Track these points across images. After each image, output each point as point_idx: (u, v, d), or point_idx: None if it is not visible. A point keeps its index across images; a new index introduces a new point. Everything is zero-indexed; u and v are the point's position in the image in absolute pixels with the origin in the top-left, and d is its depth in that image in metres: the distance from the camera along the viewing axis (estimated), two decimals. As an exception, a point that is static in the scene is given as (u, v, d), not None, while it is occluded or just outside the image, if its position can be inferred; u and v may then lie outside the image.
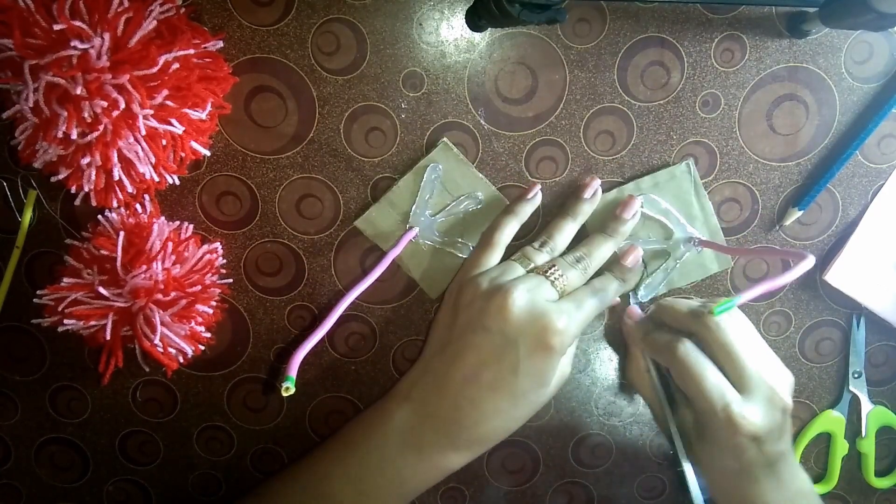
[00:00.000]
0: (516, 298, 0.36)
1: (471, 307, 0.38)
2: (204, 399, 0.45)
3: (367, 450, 0.40)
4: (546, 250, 0.40)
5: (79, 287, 0.37)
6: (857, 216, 0.44)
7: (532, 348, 0.37)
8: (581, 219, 0.41)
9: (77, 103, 0.32)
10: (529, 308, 0.36)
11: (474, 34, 0.40)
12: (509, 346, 0.37)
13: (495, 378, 0.37)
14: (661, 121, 0.42)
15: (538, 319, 0.36)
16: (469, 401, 0.38)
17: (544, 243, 0.41)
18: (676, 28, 0.40)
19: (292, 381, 0.36)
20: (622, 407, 0.48)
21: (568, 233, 0.41)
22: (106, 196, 0.37)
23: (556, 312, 0.37)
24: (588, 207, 0.41)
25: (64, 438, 0.46)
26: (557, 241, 0.41)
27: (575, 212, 0.41)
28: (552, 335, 0.36)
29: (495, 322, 0.37)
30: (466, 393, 0.38)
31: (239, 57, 0.39)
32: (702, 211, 0.43)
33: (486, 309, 0.37)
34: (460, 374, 0.38)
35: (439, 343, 0.41)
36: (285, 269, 0.43)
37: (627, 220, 0.41)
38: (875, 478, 0.49)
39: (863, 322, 0.46)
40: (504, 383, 0.37)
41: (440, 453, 0.39)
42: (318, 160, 0.41)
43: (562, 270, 0.39)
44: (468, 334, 0.38)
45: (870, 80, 0.42)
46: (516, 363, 0.37)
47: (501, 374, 0.37)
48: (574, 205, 0.41)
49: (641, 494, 0.49)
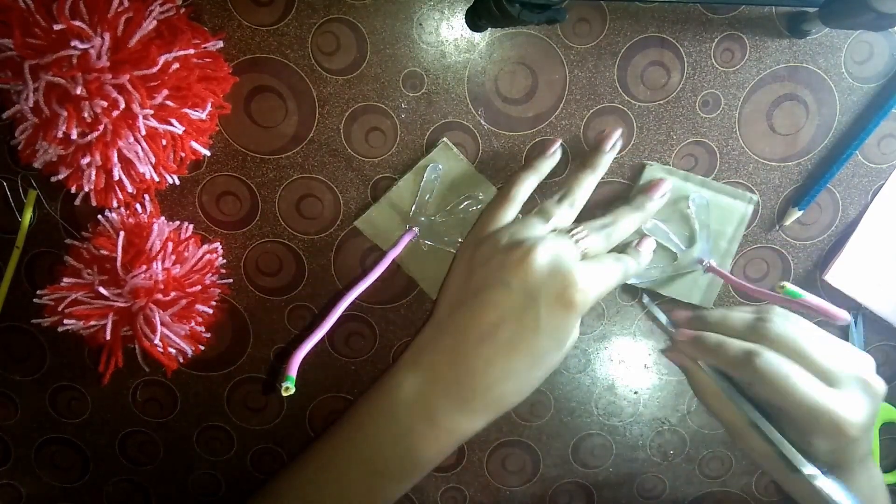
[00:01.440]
0: (539, 253, 0.35)
1: (489, 263, 0.37)
2: (204, 399, 0.45)
3: (375, 426, 0.38)
4: (566, 204, 0.39)
5: (79, 287, 0.37)
6: (857, 216, 0.44)
7: (554, 305, 0.35)
8: (601, 171, 0.40)
9: (77, 103, 0.32)
10: (552, 263, 0.35)
11: (474, 34, 0.40)
12: (530, 302, 0.35)
13: (514, 336, 0.35)
14: (661, 121, 0.42)
15: (561, 275, 0.35)
16: (484, 361, 0.36)
17: (564, 196, 0.39)
18: (676, 28, 0.40)
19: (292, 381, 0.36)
20: (622, 407, 0.48)
21: (587, 186, 0.40)
22: (106, 196, 0.37)
23: (580, 270, 0.35)
24: (608, 159, 0.40)
25: (64, 438, 0.46)
26: (577, 195, 0.39)
27: (595, 164, 0.40)
28: (575, 291, 0.34)
29: (516, 277, 0.35)
30: (481, 353, 0.36)
31: (239, 57, 0.39)
32: (728, 245, 0.43)
33: (506, 263, 0.35)
34: (476, 333, 0.36)
35: (451, 303, 0.38)
36: (285, 269, 0.43)
37: (655, 199, 0.40)
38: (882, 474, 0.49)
39: (860, 320, 0.46)
40: (523, 342, 0.35)
41: (453, 420, 0.37)
42: (318, 160, 0.41)
43: (587, 232, 0.37)
44: (485, 291, 0.36)
45: (870, 80, 0.42)
46: (537, 320, 0.35)
47: (521, 331, 0.35)
48: (594, 157, 0.40)
49: (641, 494, 0.49)
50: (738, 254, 0.45)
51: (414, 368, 0.38)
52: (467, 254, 0.39)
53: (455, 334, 0.37)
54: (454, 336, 0.37)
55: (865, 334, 0.47)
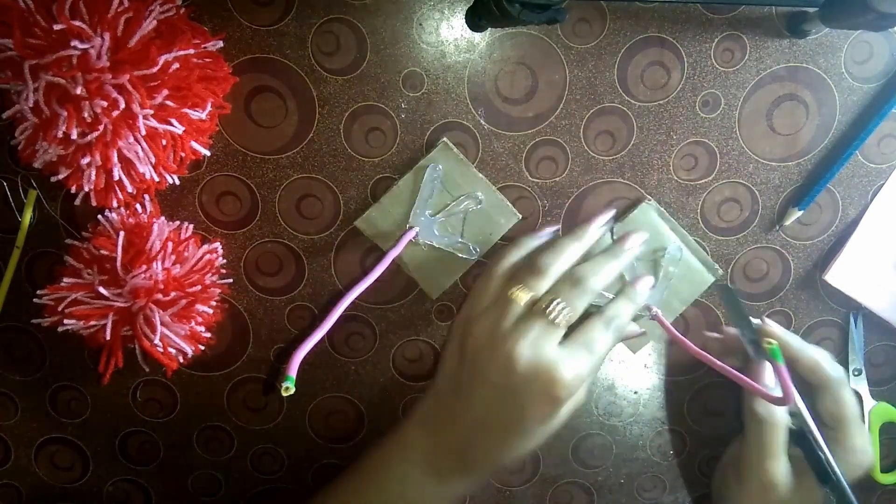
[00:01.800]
0: (520, 352, 0.36)
1: (476, 358, 0.38)
2: (204, 399, 0.45)
3: (386, 477, 0.40)
4: (547, 277, 0.38)
5: (79, 287, 0.37)
6: (857, 216, 0.44)
7: (538, 401, 0.36)
8: (587, 242, 0.40)
9: (77, 103, 0.32)
10: (534, 361, 0.36)
11: (474, 34, 0.40)
12: (515, 398, 0.36)
13: (503, 423, 0.38)
14: (661, 121, 0.42)
15: (543, 373, 0.35)
16: (480, 441, 0.38)
17: (543, 268, 0.38)
18: (676, 28, 0.40)
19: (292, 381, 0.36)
20: (622, 407, 0.48)
21: (571, 255, 0.39)
22: (106, 196, 0.37)
23: (564, 363, 0.36)
24: (595, 231, 0.41)
25: (64, 438, 0.46)
26: (560, 265, 0.39)
27: (581, 234, 0.40)
28: (559, 388, 0.36)
29: (500, 377, 0.36)
30: (476, 436, 0.38)
31: (239, 57, 0.39)
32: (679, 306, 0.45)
33: (492, 361, 0.37)
34: (470, 419, 0.38)
35: (449, 380, 0.40)
36: (285, 269, 0.43)
37: (629, 248, 0.40)
38: (882, 473, 0.49)
39: (860, 319, 0.46)
40: (511, 428, 0.38)
41: (458, 479, 0.40)
42: (318, 160, 0.41)
43: (563, 300, 0.37)
44: (475, 384, 0.38)
45: (870, 80, 0.42)
46: (522, 412, 0.37)
47: (509, 421, 0.37)
48: (581, 227, 0.41)
49: (641, 494, 0.49)
50: (740, 254, 0.45)
51: (422, 430, 0.40)
52: (458, 333, 0.40)
53: (452, 414, 0.39)
54: (452, 416, 0.39)
55: (865, 334, 0.47)
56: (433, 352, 0.45)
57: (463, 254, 0.42)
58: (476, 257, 0.43)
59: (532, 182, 0.42)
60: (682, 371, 0.47)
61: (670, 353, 0.47)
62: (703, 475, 0.49)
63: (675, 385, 0.47)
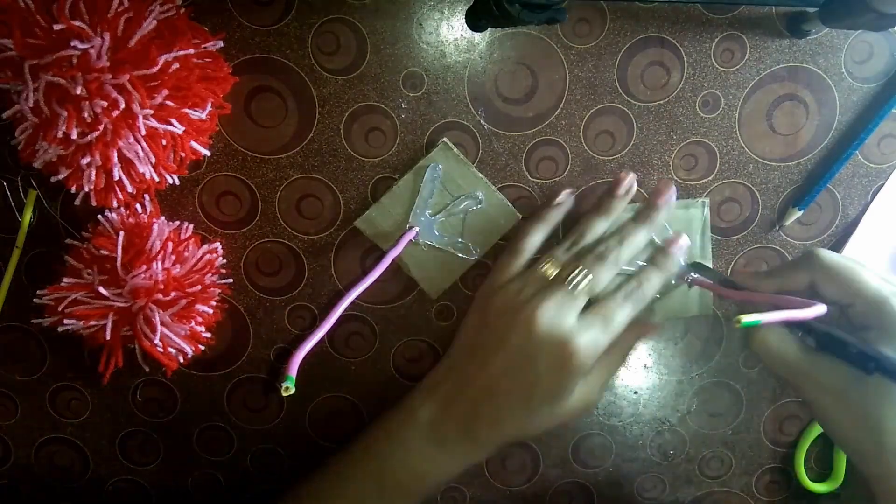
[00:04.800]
0: (540, 317, 0.37)
1: (498, 320, 0.39)
2: (204, 399, 0.45)
3: (389, 446, 0.41)
4: (576, 251, 0.40)
5: (79, 287, 0.37)
6: (857, 216, 0.44)
7: (550, 367, 0.37)
8: (614, 215, 0.41)
9: (77, 103, 0.32)
10: (551, 328, 0.37)
11: (474, 34, 0.40)
12: (529, 362, 0.38)
13: (513, 388, 0.39)
14: (661, 121, 0.42)
15: (559, 341, 0.37)
16: (489, 405, 0.39)
17: (574, 243, 0.40)
18: (676, 28, 0.40)
19: (292, 381, 0.36)
20: (622, 407, 0.48)
21: (598, 231, 0.41)
22: (106, 196, 0.37)
23: (581, 332, 0.37)
24: (622, 204, 0.41)
25: (64, 438, 0.46)
26: (588, 241, 0.40)
27: (608, 208, 0.41)
28: (571, 357, 0.37)
29: (519, 339, 0.38)
30: (486, 399, 0.39)
31: (239, 57, 0.39)
32: (702, 251, 0.44)
33: (512, 325, 0.38)
34: (482, 382, 0.39)
35: (467, 345, 0.41)
36: (285, 269, 0.43)
37: (661, 207, 0.40)
38: None
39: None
40: (520, 394, 0.39)
41: (461, 448, 0.40)
42: (318, 160, 0.41)
43: (588, 271, 0.38)
44: (494, 345, 0.39)
45: (870, 80, 0.42)
46: (534, 379, 0.38)
47: (519, 386, 0.38)
48: (607, 201, 0.41)
49: (641, 494, 0.49)
50: (740, 254, 0.45)
51: (430, 398, 0.41)
52: (481, 303, 0.41)
53: (466, 378, 0.40)
54: (465, 379, 0.40)
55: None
56: (433, 352, 0.45)
57: (463, 254, 0.42)
58: (476, 257, 0.43)
59: (532, 182, 0.42)
60: (682, 371, 0.47)
61: (671, 354, 0.47)
62: (703, 475, 0.49)
63: (675, 385, 0.47)
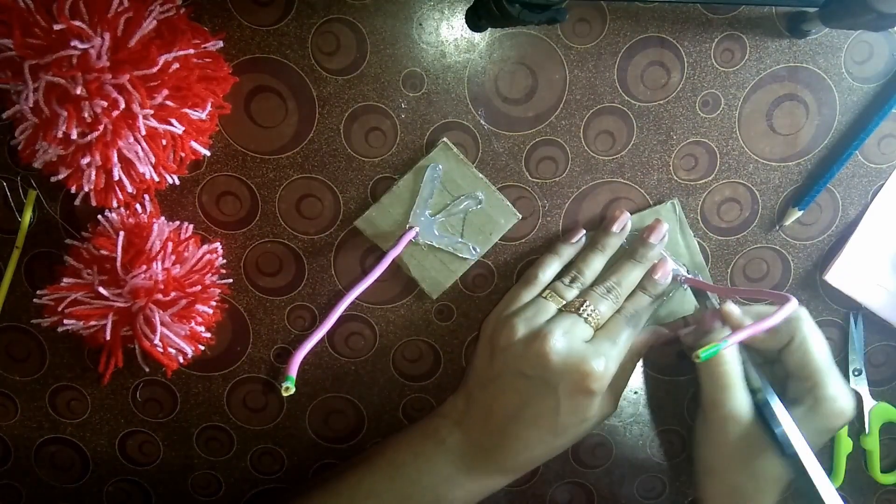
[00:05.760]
0: (554, 344, 0.38)
1: (508, 351, 0.40)
2: (204, 399, 0.45)
3: (417, 470, 0.41)
4: (576, 286, 0.41)
5: (79, 287, 0.37)
6: (857, 216, 0.44)
7: (572, 392, 0.38)
8: (609, 251, 0.42)
9: (77, 103, 0.32)
10: (567, 353, 0.38)
11: (474, 34, 0.40)
12: (549, 389, 0.38)
13: (537, 416, 0.39)
14: (661, 121, 0.42)
15: (576, 365, 0.38)
16: (512, 435, 0.40)
17: (574, 279, 0.42)
18: (676, 28, 0.40)
19: (292, 381, 0.36)
20: (622, 407, 0.48)
21: (596, 266, 0.42)
22: (106, 196, 0.37)
23: (594, 355, 0.38)
24: (617, 241, 0.42)
25: (64, 438, 0.46)
26: (587, 276, 0.42)
27: (604, 245, 0.42)
28: (591, 380, 0.38)
29: (535, 369, 0.38)
30: (509, 429, 0.40)
31: (239, 57, 0.39)
32: (687, 249, 0.44)
33: (525, 355, 0.39)
34: (502, 413, 0.40)
35: (480, 378, 0.42)
36: (285, 269, 0.43)
37: (655, 244, 0.42)
38: (881, 473, 0.49)
39: (860, 319, 0.46)
40: (545, 421, 0.39)
41: (488, 476, 0.42)
42: (318, 160, 0.41)
43: (593, 304, 0.40)
44: (508, 377, 0.40)
45: (870, 80, 0.42)
46: (557, 404, 0.39)
47: (543, 413, 0.39)
48: (603, 238, 0.42)
49: (641, 494, 0.49)
50: (740, 254, 0.45)
51: (457, 428, 0.42)
52: (489, 331, 0.42)
53: (485, 410, 0.41)
54: (485, 411, 0.41)
55: (865, 334, 0.47)
56: (433, 352, 0.45)
57: (463, 254, 0.42)
58: (476, 257, 0.43)
59: (532, 182, 0.42)
60: (683, 371, 0.47)
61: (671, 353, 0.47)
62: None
63: (675, 385, 0.47)
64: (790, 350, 0.39)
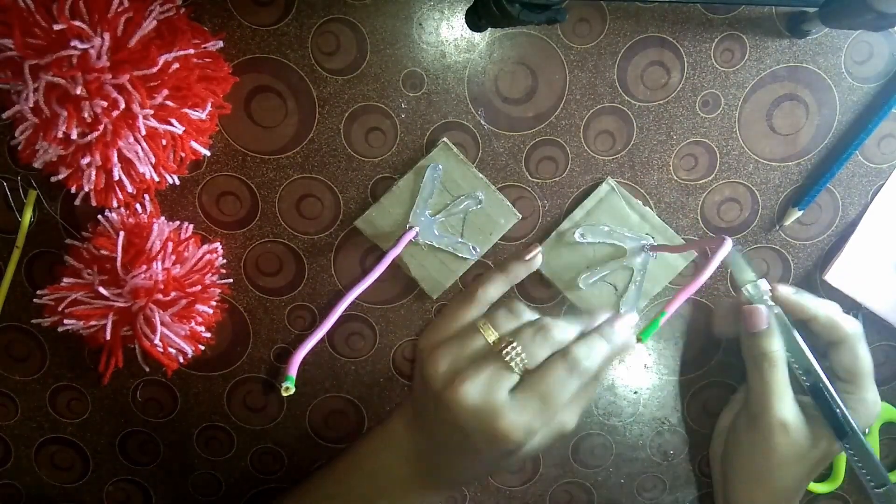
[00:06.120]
0: (467, 394, 0.34)
1: (428, 388, 0.36)
2: (204, 399, 0.45)
3: (372, 465, 0.41)
4: (516, 317, 0.38)
5: (79, 287, 0.37)
6: (857, 216, 0.44)
7: (485, 441, 0.35)
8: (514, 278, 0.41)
9: (77, 103, 0.32)
10: (479, 406, 0.34)
11: (474, 34, 0.40)
12: (465, 435, 0.35)
13: (462, 450, 0.37)
14: (661, 121, 0.42)
15: (487, 420, 0.34)
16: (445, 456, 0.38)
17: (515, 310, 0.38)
18: (676, 28, 0.40)
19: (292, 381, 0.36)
20: (622, 407, 0.48)
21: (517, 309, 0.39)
22: (106, 196, 0.37)
23: (510, 415, 0.34)
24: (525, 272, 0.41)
25: (64, 438, 0.46)
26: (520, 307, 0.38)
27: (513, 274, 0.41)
28: (502, 437, 0.34)
29: (448, 416, 0.35)
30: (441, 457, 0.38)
31: (239, 57, 0.39)
32: (643, 218, 0.43)
33: (441, 400, 0.35)
34: (441, 437, 0.38)
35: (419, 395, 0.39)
36: (285, 269, 0.43)
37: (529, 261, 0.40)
38: None
39: (860, 319, 0.46)
40: (471, 457, 0.37)
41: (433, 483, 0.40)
42: (318, 160, 0.41)
43: (522, 346, 0.35)
44: (433, 411, 0.37)
45: (870, 80, 0.42)
46: (475, 449, 0.36)
47: (466, 450, 0.36)
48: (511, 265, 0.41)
49: (641, 494, 0.49)
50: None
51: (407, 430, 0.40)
52: (423, 355, 0.38)
53: (427, 427, 0.39)
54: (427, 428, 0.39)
55: (865, 334, 0.46)
56: (433, 352, 0.45)
57: (463, 254, 0.42)
58: (476, 257, 0.43)
59: (532, 182, 0.42)
60: (683, 371, 0.47)
61: (671, 354, 0.47)
62: (703, 475, 0.49)
63: (675, 385, 0.47)
64: (841, 349, 0.41)
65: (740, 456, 0.42)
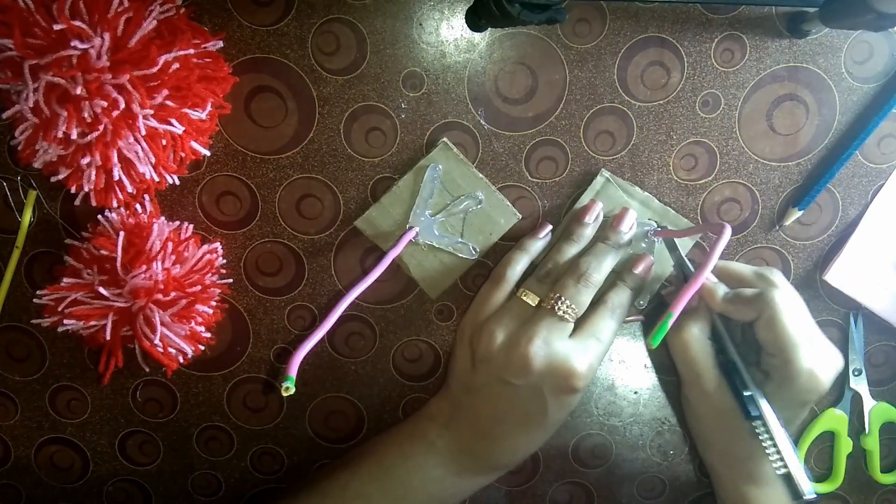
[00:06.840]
0: (535, 351, 0.38)
1: (490, 360, 0.40)
2: (204, 399, 0.45)
3: (406, 472, 0.41)
4: (549, 281, 0.41)
5: (79, 287, 0.37)
6: (857, 216, 0.44)
7: (557, 392, 0.39)
8: (583, 242, 0.41)
9: (77, 103, 0.32)
10: (549, 357, 0.38)
11: (474, 34, 0.40)
12: (535, 393, 0.39)
13: (525, 418, 0.40)
14: (661, 121, 0.42)
15: (560, 367, 0.38)
16: (501, 436, 0.41)
17: (548, 273, 0.41)
18: (676, 28, 0.40)
19: (292, 381, 0.36)
20: (622, 407, 0.48)
21: (570, 258, 0.41)
22: (106, 196, 0.37)
23: (577, 355, 0.38)
24: (590, 231, 0.41)
25: (64, 438, 0.46)
26: (561, 269, 0.41)
27: (578, 235, 0.41)
28: (576, 379, 0.38)
29: (518, 377, 0.38)
30: (499, 431, 0.40)
31: (239, 57, 0.39)
32: (643, 204, 0.43)
33: (508, 364, 0.39)
34: (491, 417, 0.40)
35: (464, 385, 0.42)
36: (285, 269, 0.43)
37: (625, 231, 0.41)
38: (881, 473, 0.49)
39: (860, 319, 0.46)
40: (534, 421, 0.40)
41: (477, 476, 0.43)
42: (318, 160, 0.41)
43: (568, 298, 0.39)
44: (492, 384, 0.40)
45: (870, 80, 0.42)
46: (544, 405, 0.39)
47: (531, 414, 0.40)
48: (577, 228, 0.41)
49: (641, 494, 0.49)
50: (740, 254, 0.45)
51: (445, 431, 0.42)
52: (466, 337, 0.42)
53: (472, 414, 0.41)
54: (472, 416, 0.41)
55: (865, 334, 0.47)
56: (433, 352, 0.45)
57: (463, 254, 0.42)
58: (476, 257, 0.43)
59: (532, 182, 0.42)
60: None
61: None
62: (703, 475, 0.49)
63: (675, 385, 0.47)
64: (759, 325, 0.38)
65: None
